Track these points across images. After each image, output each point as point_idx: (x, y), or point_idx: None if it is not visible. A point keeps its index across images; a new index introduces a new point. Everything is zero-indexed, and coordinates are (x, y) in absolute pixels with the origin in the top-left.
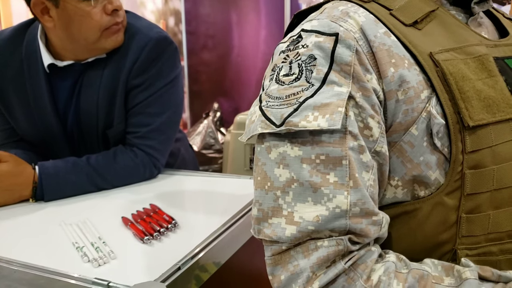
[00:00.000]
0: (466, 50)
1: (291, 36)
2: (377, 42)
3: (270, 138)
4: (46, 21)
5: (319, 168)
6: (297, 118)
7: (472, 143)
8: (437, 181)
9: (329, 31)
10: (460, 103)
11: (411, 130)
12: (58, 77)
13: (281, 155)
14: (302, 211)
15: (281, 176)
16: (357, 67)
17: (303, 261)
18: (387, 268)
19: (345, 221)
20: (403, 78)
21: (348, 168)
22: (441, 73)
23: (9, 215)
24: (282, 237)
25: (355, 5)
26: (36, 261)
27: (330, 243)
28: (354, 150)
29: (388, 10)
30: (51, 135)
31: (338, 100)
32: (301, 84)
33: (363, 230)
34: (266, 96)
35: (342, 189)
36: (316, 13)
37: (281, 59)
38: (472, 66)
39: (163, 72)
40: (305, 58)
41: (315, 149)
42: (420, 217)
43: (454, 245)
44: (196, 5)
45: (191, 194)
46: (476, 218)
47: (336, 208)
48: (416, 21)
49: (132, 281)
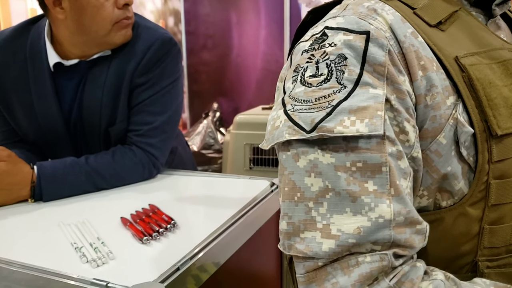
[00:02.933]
0: (490, 55)
1: (313, 34)
2: (407, 42)
3: (297, 144)
4: (57, 12)
5: (355, 176)
6: (332, 123)
7: (499, 152)
8: (461, 191)
9: (358, 28)
10: (487, 111)
11: (438, 138)
12: (63, 76)
13: (311, 163)
14: (340, 223)
15: (313, 186)
16: (391, 68)
17: (343, 278)
18: (436, 286)
19: (389, 231)
20: (432, 82)
21: (388, 175)
22: (468, 78)
23: (8, 215)
24: (318, 252)
25: (379, 1)
26: (34, 262)
27: (373, 259)
28: (393, 156)
29: (411, 8)
30: (53, 134)
31: (375, 103)
32: (332, 86)
33: (407, 241)
34: (291, 100)
35: (384, 197)
36: (339, 10)
37: (305, 59)
38: (497, 71)
39: (166, 72)
40: (334, 57)
41: (350, 156)
42: (442, 228)
43: (475, 256)
44: (195, 5)
45: (190, 194)
46: (499, 229)
47: (379, 218)
48: (440, 22)
49: (131, 282)
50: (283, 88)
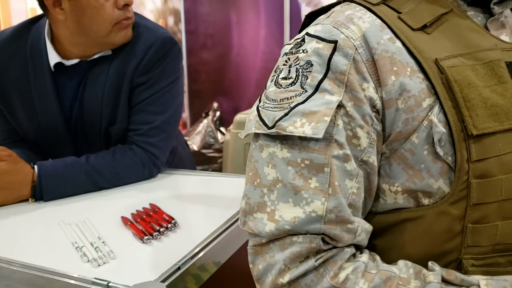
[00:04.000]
0: (476, 56)
1: (296, 39)
2: (380, 49)
3: (263, 137)
4: (57, 13)
5: (303, 172)
6: (286, 123)
7: (478, 151)
8: (441, 190)
9: (329, 37)
10: (464, 111)
11: (411, 138)
12: (64, 76)
13: (270, 155)
14: (282, 210)
15: (269, 175)
16: (352, 76)
17: (278, 254)
18: (356, 267)
19: (320, 225)
20: (404, 86)
21: (329, 175)
22: (446, 80)
23: (8, 215)
24: (262, 231)
25: (363, 9)
26: (35, 261)
27: (304, 240)
28: (339, 158)
29: (397, 13)
30: (54, 133)
31: (326, 109)
32: (295, 89)
33: (336, 236)
34: (265, 97)
35: (321, 195)
36: (323, 17)
37: (283, 62)
38: (481, 72)
39: (167, 71)
40: (303, 63)
41: (301, 153)
42: (424, 225)
43: (459, 254)
44: (195, 4)
45: (190, 193)
46: (483, 228)
47: (312, 212)
48: (425, 25)
49: (131, 281)
50: (266, 85)
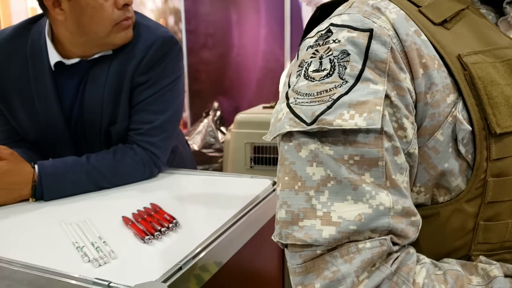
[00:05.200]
0: (495, 53)
1: (318, 31)
2: (409, 41)
3: (298, 135)
4: (57, 14)
5: (353, 169)
6: (331, 116)
7: (498, 150)
8: (458, 187)
9: (362, 26)
10: (488, 109)
11: (436, 135)
12: (64, 76)
13: (312, 153)
14: (341, 210)
15: (314, 175)
16: (392, 65)
17: (344, 266)
18: (428, 270)
19: (388, 219)
20: (432, 80)
21: (384, 169)
22: (469, 76)
23: (9, 214)
24: (318, 239)
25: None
26: (36, 261)
27: (373, 244)
28: (389, 151)
29: (416, 6)
30: (54, 133)
31: (375, 98)
32: (333, 81)
33: (403, 231)
34: (294, 93)
35: (381, 188)
36: (345, 7)
37: (310, 54)
38: (501, 70)
39: (167, 71)
40: (337, 53)
41: (348, 150)
42: (438, 222)
43: (469, 251)
44: (195, 3)
45: (192, 193)
46: (494, 226)
47: (380, 205)
48: (445, 20)
49: (133, 281)
50: (288, 82)
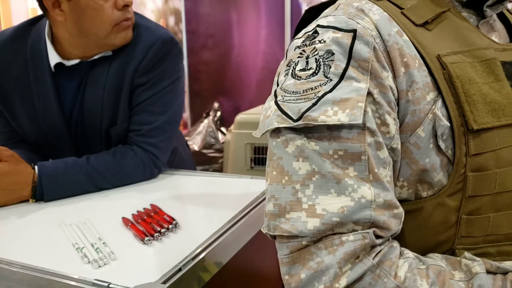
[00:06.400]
0: (474, 54)
1: (306, 32)
2: (391, 41)
3: (286, 132)
4: (57, 14)
5: (337, 163)
6: (316, 113)
7: (476, 146)
8: (440, 182)
9: (346, 27)
10: (465, 106)
11: (417, 131)
12: (64, 77)
13: (299, 148)
14: (324, 203)
15: (300, 169)
16: (375, 63)
17: (328, 257)
18: (410, 264)
19: (370, 212)
20: (413, 78)
21: (367, 163)
22: (448, 75)
23: (9, 215)
24: (303, 230)
25: (369, 1)
26: (36, 262)
27: (356, 237)
28: (372, 146)
29: (399, 8)
30: (54, 134)
31: (357, 96)
32: (319, 79)
33: (385, 223)
34: (282, 91)
35: (364, 181)
36: (331, 9)
37: (297, 54)
38: (479, 69)
39: (167, 72)
40: (322, 53)
41: (332, 145)
42: (421, 217)
43: (453, 245)
44: (196, 4)
45: (191, 194)
46: (476, 220)
47: (362, 198)
48: (426, 22)
49: (132, 283)
50: (277, 81)
